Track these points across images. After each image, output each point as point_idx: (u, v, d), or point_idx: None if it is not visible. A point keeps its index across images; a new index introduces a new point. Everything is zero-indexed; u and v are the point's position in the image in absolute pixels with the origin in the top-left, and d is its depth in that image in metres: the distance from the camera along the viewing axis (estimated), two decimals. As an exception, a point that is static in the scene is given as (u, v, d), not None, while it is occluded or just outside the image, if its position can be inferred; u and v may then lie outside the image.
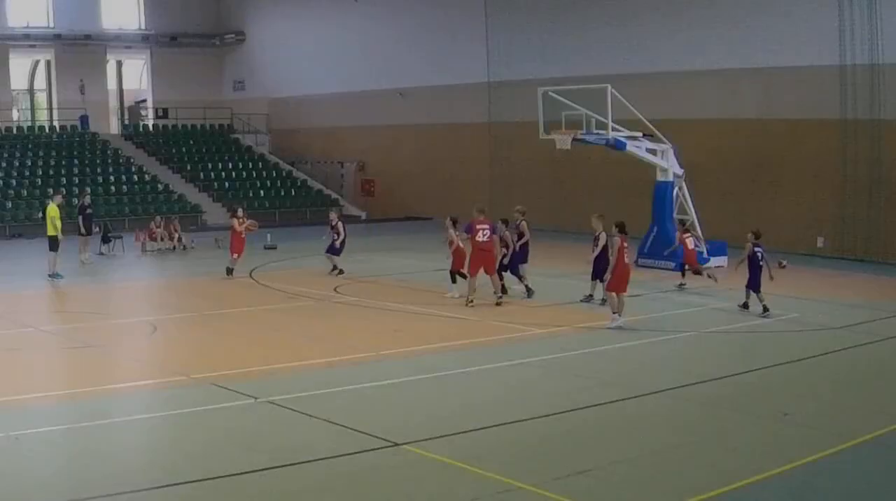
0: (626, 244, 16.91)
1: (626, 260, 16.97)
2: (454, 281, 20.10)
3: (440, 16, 39.67)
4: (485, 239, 18.95)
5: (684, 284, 20.90)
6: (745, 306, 18.58)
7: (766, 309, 18.03)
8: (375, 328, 17.37)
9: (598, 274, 18.79)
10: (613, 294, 16.86)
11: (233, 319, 18.39)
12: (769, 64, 28.64)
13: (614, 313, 16.82)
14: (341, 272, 22.83)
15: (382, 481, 9.42)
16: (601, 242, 18.55)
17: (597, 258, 18.81)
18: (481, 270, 19.00)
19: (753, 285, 18.42)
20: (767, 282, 18.40)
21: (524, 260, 20.42)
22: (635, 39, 32.18)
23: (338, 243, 23.33)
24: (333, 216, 24.10)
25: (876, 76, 26.42)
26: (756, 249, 18.55)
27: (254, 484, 9.27)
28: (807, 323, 17.66)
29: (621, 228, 17.00)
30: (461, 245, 20.03)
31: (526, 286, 20.12)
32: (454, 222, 20.28)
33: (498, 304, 18.82)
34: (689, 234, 21.61)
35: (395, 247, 23.59)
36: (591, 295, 19.31)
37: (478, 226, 18.99)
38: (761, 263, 18.44)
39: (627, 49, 32.18)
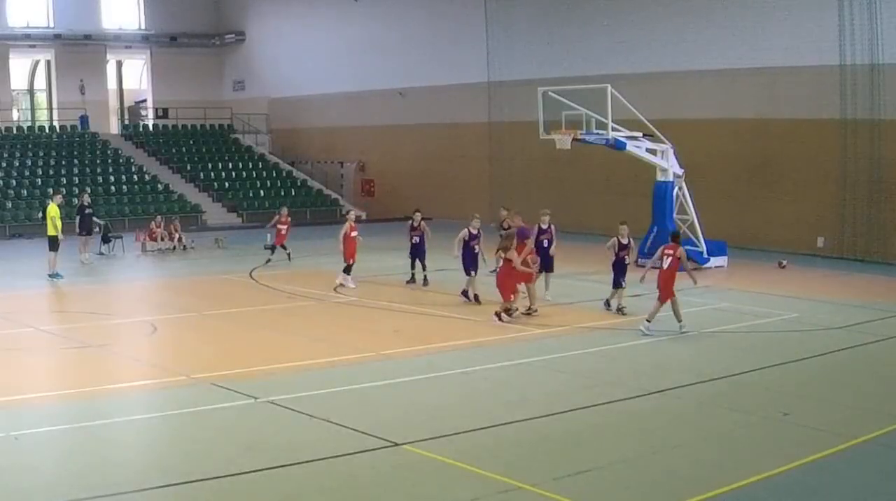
0: (670, 252, 16.61)
1: (663, 265, 16.61)
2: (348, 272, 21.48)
3: (440, 16, 39.68)
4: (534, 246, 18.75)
5: None
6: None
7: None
8: (375, 328, 17.39)
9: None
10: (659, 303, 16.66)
11: (233, 319, 18.38)
12: (769, 64, 28.63)
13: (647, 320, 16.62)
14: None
15: (382, 481, 9.43)
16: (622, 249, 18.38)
17: (615, 263, 18.55)
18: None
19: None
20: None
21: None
22: (635, 39, 32.18)
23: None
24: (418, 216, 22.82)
25: (876, 76, 26.41)
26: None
27: (254, 484, 9.27)
28: (807, 323, 17.66)
29: (674, 237, 17.00)
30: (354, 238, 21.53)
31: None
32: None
33: (528, 313, 18.15)
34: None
35: (395, 247, 23.59)
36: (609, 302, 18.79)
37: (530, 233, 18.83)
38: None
39: (627, 49, 32.18)
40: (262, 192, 42.17)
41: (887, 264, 26.07)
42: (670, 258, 16.59)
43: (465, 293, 19.54)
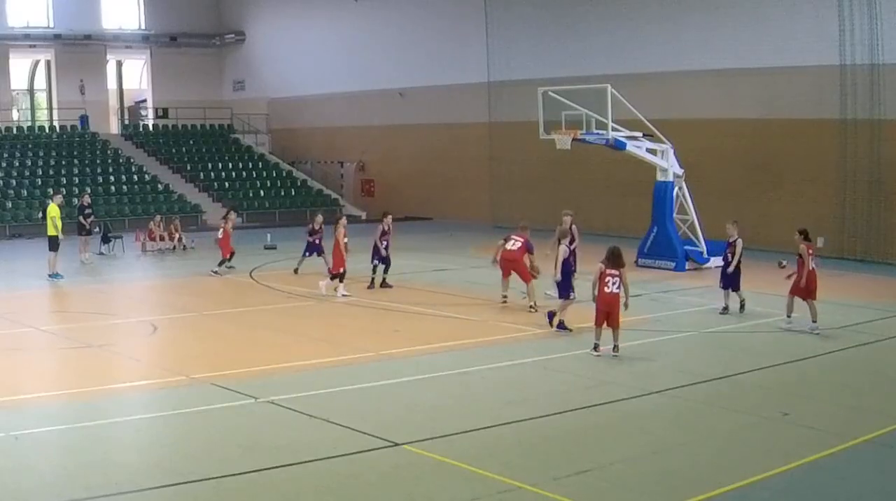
0: (811, 251, 17.03)
1: (811, 265, 16.96)
2: (341, 279, 20.59)
3: (440, 16, 39.68)
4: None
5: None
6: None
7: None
8: (375, 328, 17.39)
9: (730, 283, 18.45)
10: (801, 299, 16.93)
11: (233, 319, 18.39)
12: (769, 64, 28.63)
13: (814, 321, 16.71)
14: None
15: (382, 481, 9.43)
16: (738, 249, 18.54)
17: (729, 265, 18.51)
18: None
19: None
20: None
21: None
22: (635, 39, 32.19)
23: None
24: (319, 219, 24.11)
25: (876, 76, 26.41)
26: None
27: (254, 484, 9.27)
28: (807, 323, 17.62)
29: (805, 235, 17.25)
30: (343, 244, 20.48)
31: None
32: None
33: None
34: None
35: (395, 246, 23.62)
36: (726, 307, 18.49)
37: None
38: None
39: (627, 49, 32.18)
40: (262, 192, 42.18)
41: (887, 264, 26.08)
42: (813, 257, 17.01)
43: (554, 318, 16.90)
